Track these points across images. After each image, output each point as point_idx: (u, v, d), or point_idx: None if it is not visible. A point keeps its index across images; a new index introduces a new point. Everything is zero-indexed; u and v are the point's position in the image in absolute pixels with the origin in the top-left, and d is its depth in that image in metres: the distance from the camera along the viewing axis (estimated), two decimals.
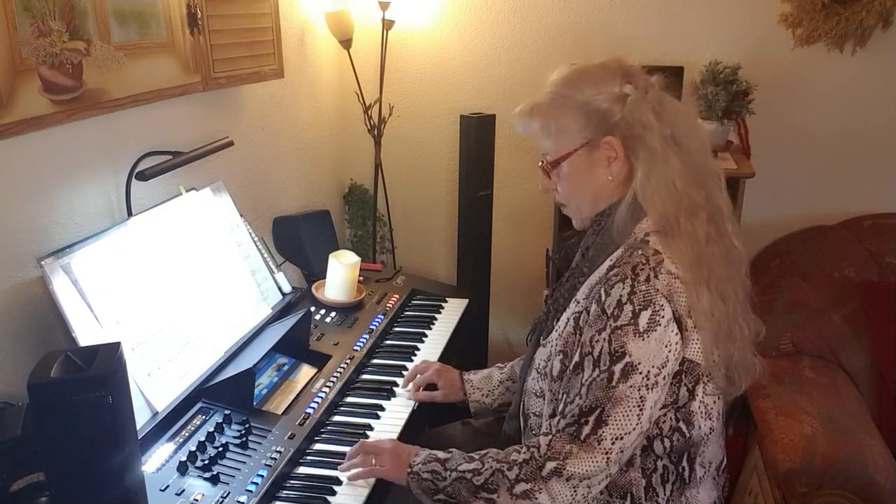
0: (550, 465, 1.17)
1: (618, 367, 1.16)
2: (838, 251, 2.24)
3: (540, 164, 1.34)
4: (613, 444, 1.16)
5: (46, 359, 1.04)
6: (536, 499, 1.17)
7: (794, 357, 2.09)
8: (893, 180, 2.35)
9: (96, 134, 1.51)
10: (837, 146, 2.40)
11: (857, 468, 1.65)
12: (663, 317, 1.16)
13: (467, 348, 2.28)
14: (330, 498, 1.29)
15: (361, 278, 2.04)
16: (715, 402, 1.28)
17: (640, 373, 1.15)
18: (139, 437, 1.20)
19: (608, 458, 1.16)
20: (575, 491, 1.17)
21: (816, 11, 2.26)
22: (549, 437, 1.20)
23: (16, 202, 1.35)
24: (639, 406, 1.16)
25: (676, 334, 1.18)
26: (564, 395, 1.23)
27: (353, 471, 1.32)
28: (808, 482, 1.67)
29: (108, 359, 1.05)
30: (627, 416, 1.16)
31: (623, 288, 1.17)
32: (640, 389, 1.16)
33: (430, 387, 1.63)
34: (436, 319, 1.96)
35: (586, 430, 1.17)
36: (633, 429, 1.17)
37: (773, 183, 2.42)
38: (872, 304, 2.09)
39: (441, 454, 1.29)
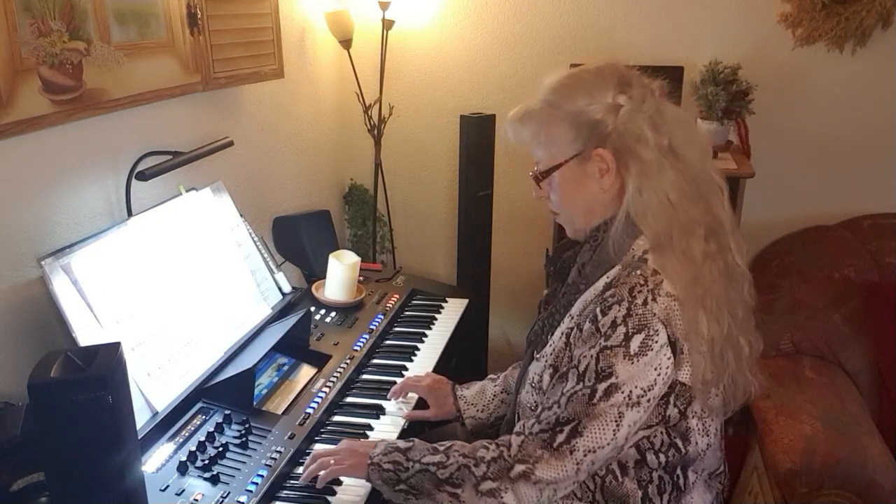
0: (520, 468, 1.16)
1: (601, 386, 1.14)
2: (838, 251, 2.24)
3: (531, 173, 1.30)
4: (585, 455, 1.15)
5: (46, 359, 1.04)
6: (502, 498, 1.17)
7: (794, 357, 2.09)
8: (893, 180, 2.35)
9: (96, 134, 1.51)
10: (837, 146, 2.39)
11: (857, 468, 1.65)
12: (656, 342, 1.13)
13: (467, 348, 2.28)
14: (330, 498, 1.29)
15: (361, 278, 2.04)
16: (713, 420, 1.26)
17: (623, 392, 1.13)
18: (139, 437, 1.20)
19: (578, 468, 1.16)
20: (541, 493, 1.17)
21: (816, 11, 2.26)
22: (521, 437, 1.19)
23: (16, 202, 1.35)
24: (616, 422, 1.14)
25: (669, 358, 1.15)
26: (543, 400, 1.21)
27: (319, 474, 1.28)
28: (808, 482, 1.67)
29: (108, 359, 1.05)
30: (603, 430, 1.14)
31: (619, 310, 1.14)
32: (619, 407, 1.14)
33: (423, 404, 1.60)
34: (436, 319, 1.96)
35: (560, 438, 1.15)
36: (608, 444, 1.15)
37: (773, 183, 2.42)
38: (872, 304, 2.09)
39: (402, 443, 1.28)
